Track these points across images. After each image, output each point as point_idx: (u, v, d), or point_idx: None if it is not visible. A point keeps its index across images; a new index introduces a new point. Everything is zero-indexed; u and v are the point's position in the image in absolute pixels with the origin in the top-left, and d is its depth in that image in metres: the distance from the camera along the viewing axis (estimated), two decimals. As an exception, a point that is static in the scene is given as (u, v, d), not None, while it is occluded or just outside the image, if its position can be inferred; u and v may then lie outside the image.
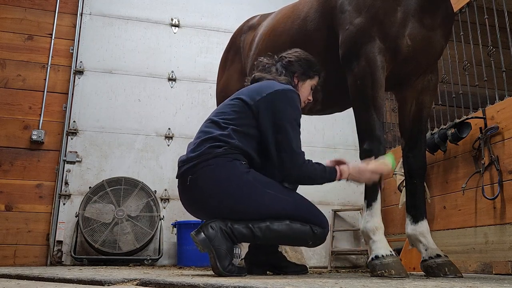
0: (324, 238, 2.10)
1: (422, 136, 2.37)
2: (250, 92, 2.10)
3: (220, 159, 1.95)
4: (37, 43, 4.67)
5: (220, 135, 1.99)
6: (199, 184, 1.97)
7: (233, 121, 2.03)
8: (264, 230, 1.94)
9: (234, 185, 1.94)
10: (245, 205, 1.95)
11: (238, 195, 1.94)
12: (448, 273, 2.08)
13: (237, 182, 1.94)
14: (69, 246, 4.18)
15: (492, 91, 3.33)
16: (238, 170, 1.95)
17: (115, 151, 4.57)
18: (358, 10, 2.18)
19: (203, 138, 2.03)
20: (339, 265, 4.73)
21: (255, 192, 1.95)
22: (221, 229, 1.91)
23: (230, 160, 1.96)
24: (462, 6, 3.77)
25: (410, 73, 2.32)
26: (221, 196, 1.95)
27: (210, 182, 1.95)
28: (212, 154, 1.96)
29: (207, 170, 1.95)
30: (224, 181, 1.94)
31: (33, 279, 1.92)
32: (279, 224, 1.96)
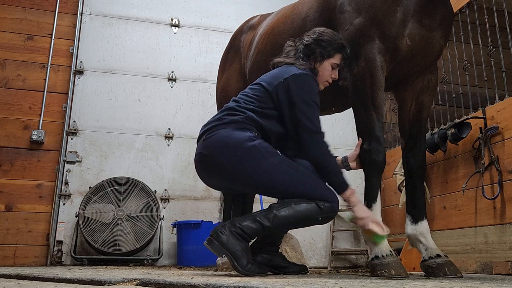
0: (333, 212, 2.08)
1: (421, 136, 2.37)
2: (269, 78, 2.20)
3: (234, 124, 2.10)
4: (37, 43, 4.67)
5: (238, 108, 2.16)
6: (212, 143, 2.09)
7: (253, 103, 2.16)
8: (272, 219, 1.99)
9: (241, 148, 2.03)
10: (250, 168, 2.02)
11: (244, 157, 2.02)
12: (448, 273, 2.08)
13: (244, 146, 2.03)
14: (69, 246, 4.18)
15: (492, 91, 3.33)
16: (247, 136, 2.06)
17: (115, 151, 4.57)
18: (358, 11, 2.18)
19: (224, 110, 2.21)
20: (339, 265, 4.73)
21: (259, 157, 2.03)
22: (231, 232, 1.97)
23: (242, 128, 2.09)
24: (462, 6, 3.77)
25: (410, 73, 2.32)
26: (229, 156, 2.04)
27: (222, 140, 2.06)
28: (228, 120, 2.12)
29: (221, 131, 2.09)
30: (233, 143, 2.04)
31: (33, 279, 1.92)
32: (285, 209, 2.00)
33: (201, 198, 4.65)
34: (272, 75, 2.22)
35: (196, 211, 4.60)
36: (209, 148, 2.10)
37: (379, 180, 2.16)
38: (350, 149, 5.04)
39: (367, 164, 2.15)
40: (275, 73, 2.22)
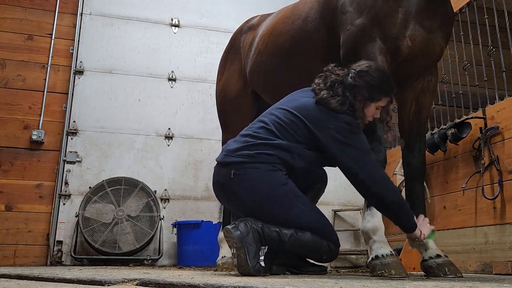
0: (335, 255, 2.19)
1: (421, 136, 2.37)
2: (312, 112, 2.11)
3: (266, 165, 2.09)
4: (37, 43, 4.67)
5: (270, 144, 2.10)
6: (242, 182, 2.10)
7: (288, 136, 2.11)
8: (289, 237, 2.05)
9: (272, 192, 2.08)
10: (277, 212, 2.09)
11: (273, 201, 2.09)
12: (448, 273, 2.08)
13: (275, 191, 2.09)
14: (69, 246, 4.18)
15: (492, 91, 3.33)
16: (279, 180, 2.10)
17: (115, 151, 4.57)
18: (359, 11, 2.18)
19: (254, 142, 2.14)
20: (339, 265, 4.73)
21: (288, 203, 2.10)
22: (253, 228, 2.00)
23: (275, 170, 2.09)
24: (462, 6, 3.77)
25: (410, 74, 2.33)
26: (258, 199, 2.09)
27: (253, 183, 2.09)
28: (261, 159, 2.09)
29: (253, 172, 2.09)
30: (265, 187, 2.08)
31: (33, 279, 1.92)
32: (303, 234, 2.08)
33: (201, 198, 4.65)
34: (313, 110, 2.11)
35: (196, 211, 4.60)
36: (238, 186, 2.11)
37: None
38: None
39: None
40: (316, 108, 2.11)
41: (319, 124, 2.07)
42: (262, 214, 2.08)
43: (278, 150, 2.09)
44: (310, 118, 2.09)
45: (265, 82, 2.96)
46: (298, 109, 2.14)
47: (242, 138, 2.19)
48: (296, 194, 2.13)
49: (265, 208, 2.08)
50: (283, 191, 2.09)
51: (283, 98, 2.31)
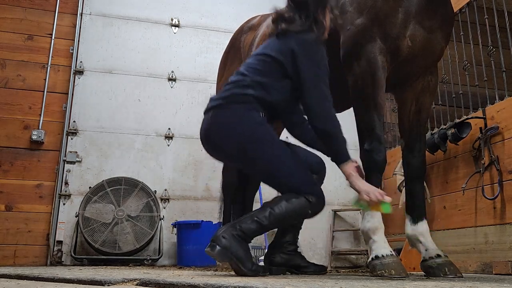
0: (321, 205, 2.13)
1: (421, 136, 2.37)
2: (275, 46, 2.17)
3: (241, 105, 2.10)
4: (37, 43, 4.67)
5: (246, 82, 2.13)
6: (219, 125, 2.13)
7: (261, 75, 2.13)
8: (268, 217, 2.01)
9: (251, 133, 2.08)
10: (260, 153, 2.08)
11: (254, 142, 2.08)
12: (448, 273, 2.08)
13: (254, 132, 2.09)
14: (69, 246, 4.18)
15: (492, 91, 3.33)
16: (255, 120, 2.10)
17: (115, 151, 4.57)
18: (359, 11, 2.18)
19: (231, 83, 2.19)
20: (339, 265, 4.73)
21: (269, 144, 2.10)
22: (232, 235, 1.95)
23: (250, 109, 2.10)
24: (462, 6, 3.77)
25: (410, 74, 2.32)
26: (239, 141, 2.09)
27: (229, 125, 2.10)
28: (236, 99, 2.11)
29: (228, 113, 2.11)
30: (242, 127, 2.08)
31: (33, 279, 1.92)
32: (279, 207, 2.03)
33: (201, 198, 4.65)
34: (277, 43, 2.18)
35: (196, 211, 4.60)
36: (216, 130, 2.14)
37: (379, 179, 2.16)
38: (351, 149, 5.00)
39: (367, 163, 2.15)
40: (279, 41, 2.18)
41: (285, 52, 2.12)
42: (247, 159, 2.09)
43: (251, 89, 2.10)
44: (276, 49, 2.15)
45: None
46: (265, 48, 2.21)
47: (222, 89, 2.24)
48: (271, 136, 2.13)
49: (249, 152, 2.08)
50: (261, 131, 2.09)
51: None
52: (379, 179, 2.16)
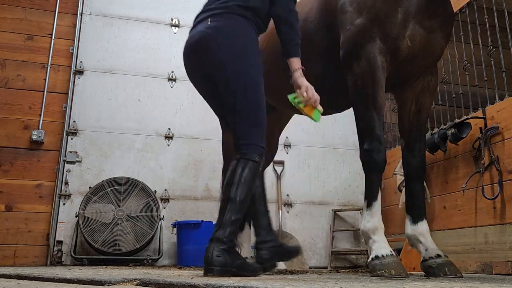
0: (262, 155, 2.20)
1: (421, 136, 2.37)
2: None
3: (243, 18, 2.21)
4: (37, 43, 4.67)
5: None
6: (219, 32, 2.18)
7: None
8: (239, 208, 2.05)
9: (247, 47, 2.18)
10: (245, 68, 2.17)
11: (246, 56, 2.17)
12: (448, 273, 2.08)
13: (250, 47, 2.20)
14: (69, 246, 4.18)
15: (492, 91, 3.33)
16: (254, 37, 2.24)
17: (115, 151, 4.57)
18: (359, 11, 2.18)
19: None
20: (339, 265, 4.73)
21: (255, 65, 2.20)
22: (223, 250, 1.95)
23: (250, 26, 2.23)
24: (462, 6, 3.77)
25: (410, 73, 2.32)
26: (234, 50, 2.16)
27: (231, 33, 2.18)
28: (239, 11, 2.21)
29: (231, 22, 2.20)
30: (241, 40, 2.19)
31: (33, 279, 1.92)
32: (239, 189, 2.07)
33: (201, 198, 4.65)
34: None
35: (196, 211, 4.60)
36: (215, 37, 2.17)
37: (379, 179, 2.16)
38: (350, 149, 5.11)
39: (367, 163, 2.15)
40: None
41: None
42: (234, 70, 2.14)
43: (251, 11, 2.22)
44: None
45: (265, 81, 2.96)
46: None
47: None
48: (256, 54, 2.23)
49: (238, 63, 2.15)
50: (256, 51, 2.21)
51: None
52: (379, 179, 2.15)
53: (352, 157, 5.06)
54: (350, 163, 5.08)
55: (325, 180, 5.02)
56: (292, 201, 4.87)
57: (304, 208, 4.88)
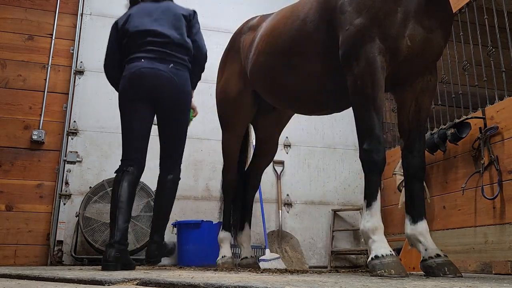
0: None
1: (421, 136, 2.37)
2: (180, 10, 3.07)
3: (187, 72, 3.00)
4: (37, 43, 4.67)
5: (185, 46, 3.00)
6: (179, 78, 2.88)
7: (184, 36, 3.00)
8: (167, 216, 3.09)
9: (190, 94, 3.04)
10: (183, 109, 3.00)
11: (188, 101, 3.04)
12: (447, 273, 2.08)
13: (190, 95, 3.06)
14: (69, 246, 4.19)
15: (492, 91, 3.33)
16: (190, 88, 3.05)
17: (116, 151, 4.57)
18: (358, 11, 2.18)
19: (178, 48, 2.96)
20: (339, 265, 4.73)
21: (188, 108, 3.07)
22: (157, 247, 2.95)
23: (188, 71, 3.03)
24: (462, 6, 3.78)
25: (410, 73, 2.33)
26: (186, 99, 2.98)
27: (185, 81, 2.96)
28: (186, 65, 2.99)
29: (184, 73, 2.95)
30: (188, 91, 3.01)
31: (33, 278, 1.92)
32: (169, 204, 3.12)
33: (201, 198, 4.65)
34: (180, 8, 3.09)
35: (196, 211, 4.60)
36: (182, 82, 2.89)
37: (379, 179, 2.16)
38: (350, 149, 5.11)
39: (367, 163, 2.16)
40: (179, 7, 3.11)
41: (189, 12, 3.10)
42: (178, 111, 2.93)
43: (188, 56, 3.01)
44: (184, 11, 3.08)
45: (265, 82, 2.97)
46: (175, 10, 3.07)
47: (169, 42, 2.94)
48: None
49: (182, 108, 2.96)
50: (190, 99, 3.03)
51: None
52: (378, 179, 2.16)
53: (352, 157, 5.07)
54: (350, 163, 5.08)
55: (325, 180, 5.03)
56: (292, 201, 4.88)
57: (304, 208, 4.89)
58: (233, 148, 3.41)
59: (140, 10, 2.97)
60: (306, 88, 2.69)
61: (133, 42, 2.88)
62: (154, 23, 2.88)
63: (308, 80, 2.64)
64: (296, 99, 2.86)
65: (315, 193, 4.97)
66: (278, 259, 4.00)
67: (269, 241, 4.38)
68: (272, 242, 4.42)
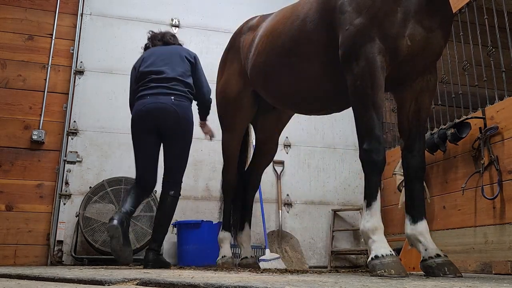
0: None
1: (421, 136, 2.37)
2: (185, 53, 3.50)
3: (189, 103, 3.40)
4: (37, 43, 4.67)
5: (185, 84, 3.38)
6: (180, 108, 3.25)
7: (189, 77, 3.42)
8: (165, 229, 3.33)
9: (192, 123, 3.37)
10: (187, 137, 3.35)
11: (191, 129, 3.38)
12: (447, 272, 2.08)
13: (192, 124, 3.39)
14: (69, 246, 4.19)
15: (492, 91, 3.33)
16: (192, 118, 3.39)
17: (116, 151, 4.58)
18: (358, 11, 2.18)
19: (179, 80, 3.35)
20: (339, 264, 4.73)
21: (191, 136, 3.41)
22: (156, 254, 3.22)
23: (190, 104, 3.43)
24: (462, 6, 3.78)
25: (409, 73, 2.33)
26: (188, 127, 3.34)
27: (188, 111, 3.33)
28: (188, 96, 3.37)
29: (186, 103, 3.34)
30: (191, 117, 3.35)
31: (33, 278, 1.93)
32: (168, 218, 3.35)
33: (201, 198, 4.66)
34: (184, 51, 3.55)
35: (196, 211, 4.61)
36: (182, 110, 3.25)
37: (379, 179, 2.16)
38: (350, 149, 5.11)
39: (367, 163, 2.16)
40: (185, 49, 3.60)
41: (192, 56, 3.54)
42: (180, 139, 3.29)
43: (189, 86, 3.39)
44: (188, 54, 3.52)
45: (265, 82, 2.97)
46: (182, 52, 3.53)
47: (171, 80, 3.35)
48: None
49: (186, 136, 3.33)
50: (191, 129, 3.37)
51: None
52: (378, 179, 2.16)
53: (352, 157, 5.07)
54: (350, 163, 5.08)
55: (325, 180, 5.03)
56: (292, 201, 4.88)
57: (304, 208, 4.89)
58: (233, 148, 3.41)
59: (150, 54, 3.50)
60: (306, 88, 2.69)
61: (141, 81, 3.36)
62: (160, 63, 3.36)
63: (308, 80, 2.64)
64: (296, 99, 2.86)
65: (315, 193, 4.97)
66: (278, 259, 4.00)
67: (269, 241, 4.38)
68: (272, 242, 4.42)
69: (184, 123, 3.26)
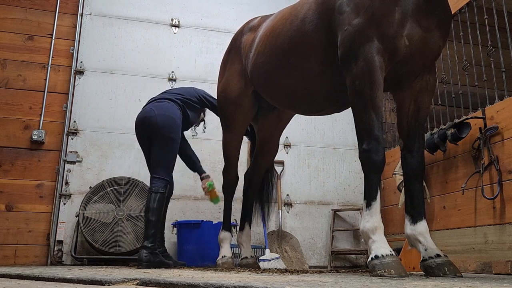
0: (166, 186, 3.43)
1: (420, 136, 2.37)
2: (194, 91, 3.83)
3: (173, 102, 3.59)
4: (37, 43, 4.67)
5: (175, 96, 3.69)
6: (159, 109, 3.49)
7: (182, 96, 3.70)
8: (153, 224, 3.24)
9: (176, 121, 3.50)
10: (174, 132, 3.46)
11: (177, 129, 3.50)
12: (447, 272, 2.08)
13: (177, 121, 3.51)
14: (69, 246, 4.19)
15: (492, 91, 3.34)
16: (178, 114, 3.56)
17: (116, 151, 4.58)
18: (357, 11, 2.18)
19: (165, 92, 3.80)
20: (338, 264, 4.73)
21: (178, 132, 3.52)
22: (148, 253, 3.12)
23: (177, 108, 3.58)
24: (462, 6, 3.78)
25: (408, 73, 2.33)
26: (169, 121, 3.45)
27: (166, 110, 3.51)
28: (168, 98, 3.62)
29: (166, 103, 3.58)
30: (173, 115, 3.49)
31: (33, 278, 1.93)
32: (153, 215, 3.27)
33: (201, 198, 4.65)
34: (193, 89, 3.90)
35: (196, 211, 4.61)
36: (159, 112, 3.45)
37: (378, 179, 2.16)
38: (350, 149, 5.12)
39: (366, 163, 2.16)
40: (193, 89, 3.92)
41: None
42: (166, 135, 3.39)
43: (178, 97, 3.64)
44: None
45: (265, 82, 2.97)
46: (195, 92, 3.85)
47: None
48: (179, 133, 3.54)
49: (173, 132, 3.42)
50: (178, 124, 3.49)
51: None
52: (378, 179, 2.16)
53: (352, 157, 5.07)
54: (350, 163, 5.09)
55: (325, 180, 5.03)
56: (292, 201, 4.88)
57: (304, 208, 4.89)
58: (233, 148, 3.42)
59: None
60: (306, 88, 2.69)
61: None
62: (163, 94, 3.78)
63: (307, 80, 2.64)
64: (295, 99, 2.86)
65: (315, 193, 4.97)
66: (278, 259, 4.00)
67: (269, 241, 4.38)
68: (272, 242, 4.42)
69: (160, 120, 3.41)
